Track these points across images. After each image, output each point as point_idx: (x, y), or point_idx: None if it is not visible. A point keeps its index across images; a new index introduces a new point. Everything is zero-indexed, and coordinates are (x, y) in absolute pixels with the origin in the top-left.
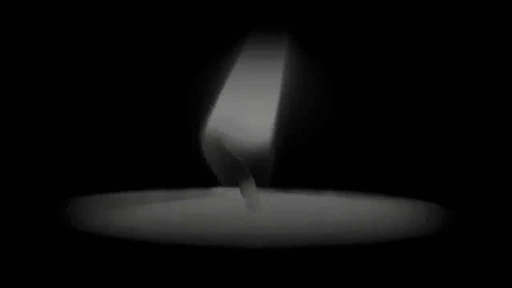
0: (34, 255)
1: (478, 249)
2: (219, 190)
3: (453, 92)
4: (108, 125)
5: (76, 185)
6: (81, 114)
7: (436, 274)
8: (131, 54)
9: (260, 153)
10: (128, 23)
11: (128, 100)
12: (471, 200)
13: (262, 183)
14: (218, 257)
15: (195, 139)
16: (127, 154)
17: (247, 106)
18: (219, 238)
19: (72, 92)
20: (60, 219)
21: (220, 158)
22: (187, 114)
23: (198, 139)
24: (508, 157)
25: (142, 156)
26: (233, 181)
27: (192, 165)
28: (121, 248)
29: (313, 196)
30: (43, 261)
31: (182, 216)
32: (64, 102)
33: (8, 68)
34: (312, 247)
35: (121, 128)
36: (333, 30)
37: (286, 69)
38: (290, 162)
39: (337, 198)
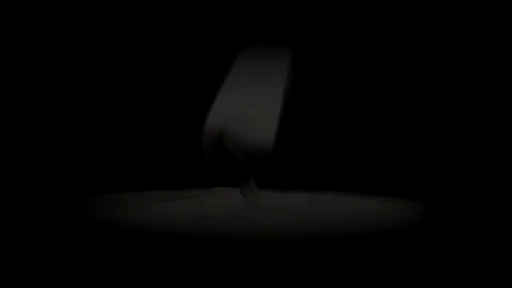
0: (34, 255)
1: (475, 248)
2: (219, 190)
3: (453, 93)
4: (109, 126)
5: (76, 185)
6: (82, 115)
7: (433, 273)
8: (132, 55)
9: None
10: (129, 23)
11: (128, 101)
12: (468, 200)
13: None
14: (218, 257)
15: (195, 139)
16: (127, 155)
17: (250, 105)
18: (219, 238)
19: (73, 93)
20: (60, 219)
21: (220, 157)
22: (187, 114)
23: (198, 139)
24: (507, 157)
25: (142, 157)
26: (233, 181)
27: (192, 165)
28: (121, 248)
29: (313, 196)
30: (42, 261)
31: (182, 216)
32: (64, 103)
33: (11, 69)
34: (312, 247)
35: (121, 129)
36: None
37: (290, 69)
38: (290, 162)
39: (337, 198)
